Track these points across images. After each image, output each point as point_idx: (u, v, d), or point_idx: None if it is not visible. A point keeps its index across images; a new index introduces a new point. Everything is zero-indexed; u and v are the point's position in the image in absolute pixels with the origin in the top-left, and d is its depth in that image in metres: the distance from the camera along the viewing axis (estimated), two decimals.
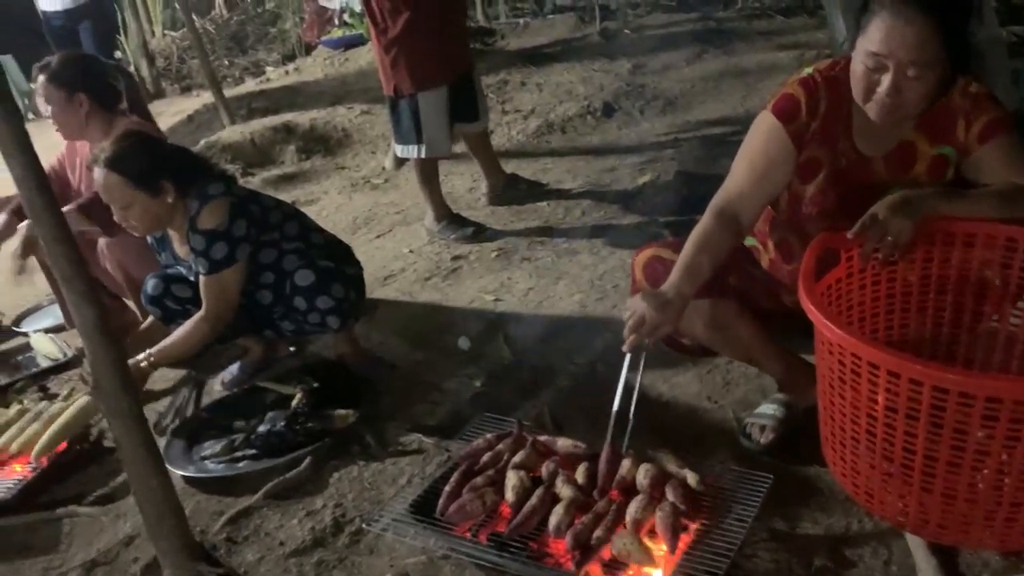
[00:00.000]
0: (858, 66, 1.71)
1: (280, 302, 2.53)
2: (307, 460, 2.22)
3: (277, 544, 1.98)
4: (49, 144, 2.91)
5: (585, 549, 1.66)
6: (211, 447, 2.37)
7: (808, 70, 1.89)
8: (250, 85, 6.99)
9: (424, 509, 1.88)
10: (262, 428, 2.36)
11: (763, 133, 1.88)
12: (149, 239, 2.65)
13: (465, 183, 4.41)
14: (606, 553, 1.68)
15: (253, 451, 2.31)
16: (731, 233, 1.87)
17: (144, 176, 2.37)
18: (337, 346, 2.72)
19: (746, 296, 2.09)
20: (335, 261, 2.55)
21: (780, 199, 1.96)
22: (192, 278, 2.58)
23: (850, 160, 1.86)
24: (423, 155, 3.54)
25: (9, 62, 10.83)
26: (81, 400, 2.57)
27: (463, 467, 1.93)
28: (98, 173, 2.38)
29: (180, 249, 2.57)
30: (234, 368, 2.82)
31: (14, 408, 2.60)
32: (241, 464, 2.29)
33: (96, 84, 2.98)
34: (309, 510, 2.08)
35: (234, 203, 2.47)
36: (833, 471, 1.77)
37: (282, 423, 2.33)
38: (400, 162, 4.80)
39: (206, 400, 2.75)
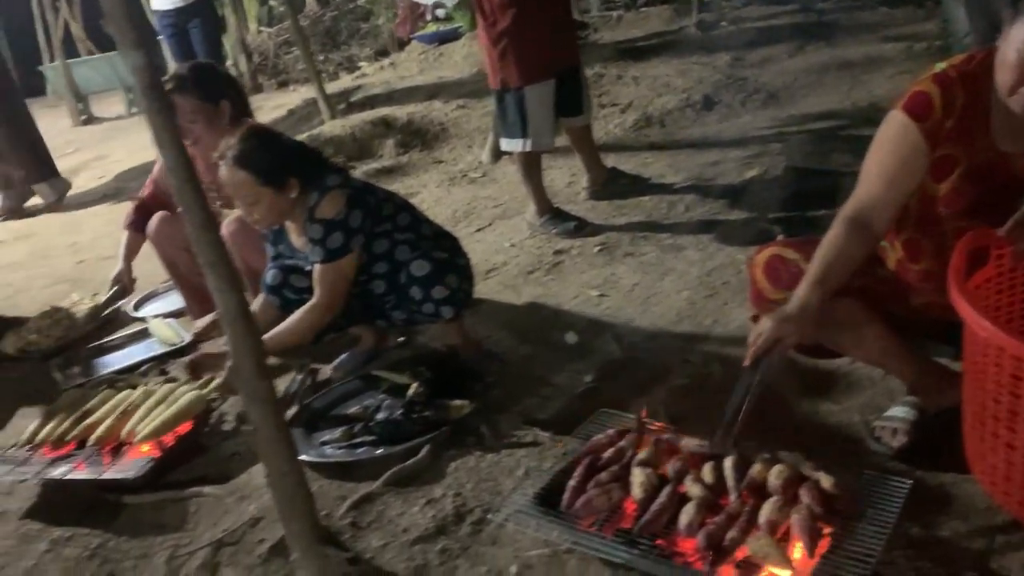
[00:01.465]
0: (1011, 55, 1.62)
1: (393, 291, 2.56)
2: (425, 449, 2.24)
3: (400, 531, 2.00)
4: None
5: (719, 549, 1.63)
6: (329, 433, 2.42)
7: (941, 66, 1.80)
8: (346, 80, 7.13)
9: (547, 502, 1.87)
10: (380, 416, 2.40)
11: (894, 133, 1.81)
12: (263, 231, 2.71)
13: (564, 177, 4.40)
14: (739, 554, 1.64)
15: (371, 438, 2.35)
16: (863, 242, 1.81)
17: (271, 173, 2.43)
18: (447, 337, 2.75)
19: (871, 297, 2.02)
20: (447, 252, 2.57)
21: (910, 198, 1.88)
22: (308, 267, 2.63)
23: (988, 157, 1.77)
24: (528, 148, 3.54)
25: (116, 58, 11.30)
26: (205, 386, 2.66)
27: (586, 462, 1.92)
28: (225, 171, 2.45)
29: (297, 240, 2.62)
30: (345, 356, 2.87)
31: (140, 390, 2.69)
32: (360, 450, 2.33)
33: (233, 90, 3.07)
34: (429, 498, 2.10)
35: (351, 194, 2.52)
36: (981, 480, 1.70)
37: (399, 411, 2.37)
38: (497, 156, 4.82)
39: (319, 388, 2.81)
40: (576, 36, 3.87)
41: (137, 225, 3.35)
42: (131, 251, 3.43)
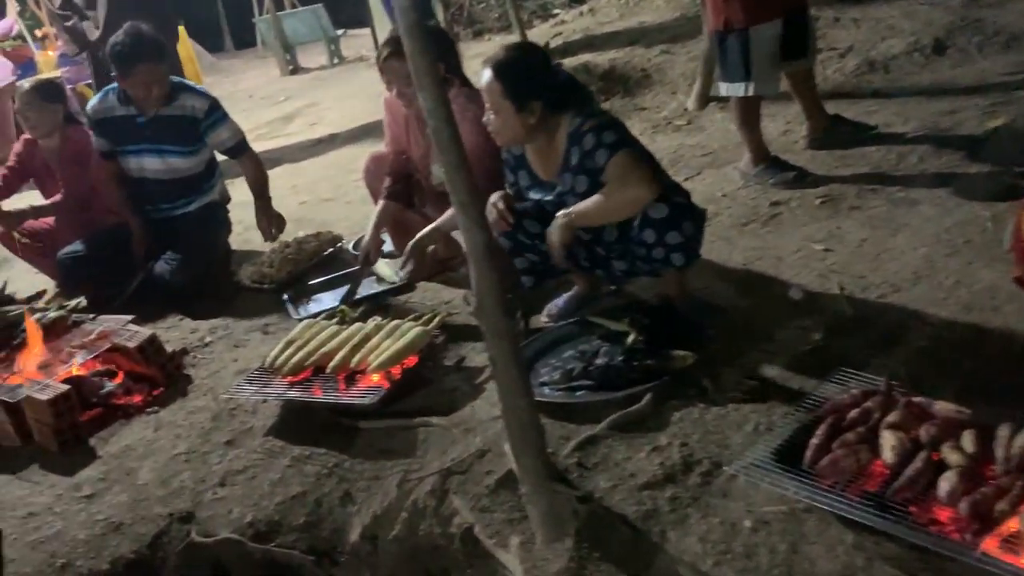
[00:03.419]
0: None
1: (623, 238, 2.53)
2: (648, 397, 2.23)
3: (627, 475, 2.01)
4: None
5: (985, 520, 1.52)
6: (548, 374, 2.47)
7: None
8: (543, 28, 7.10)
9: (786, 458, 1.81)
10: (599, 361, 2.41)
11: None
12: (504, 154, 2.75)
13: (778, 126, 4.19)
14: (1006, 528, 1.52)
15: (590, 382, 2.36)
16: None
17: (516, 90, 2.45)
18: (665, 287, 2.70)
19: None
20: (683, 198, 2.51)
21: None
22: (549, 197, 2.64)
23: None
24: (750, 93, 3.39)
25: (320, 10, 11.89)
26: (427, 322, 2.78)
27: (829, 421, 1.84)
28: (486, 72, 2.50)
29: (543, 170, 2.63)
30: (560, 301, 2.90)
31: (371, 323, 2.84)
32: (579, 394, 2.35)
33: (448, 49, 3.17)
34: (655, 445, 2.09)
35: (612, 118, 2.57)
36: None
37: (620, 358, 2.36)
38: (704, 102, 4.67)
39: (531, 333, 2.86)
40: None
41: (394, 195, 3.38)
42: (382, 221, 3.42)
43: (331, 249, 3.93)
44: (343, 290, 3.54)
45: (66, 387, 2.87)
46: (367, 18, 11.58)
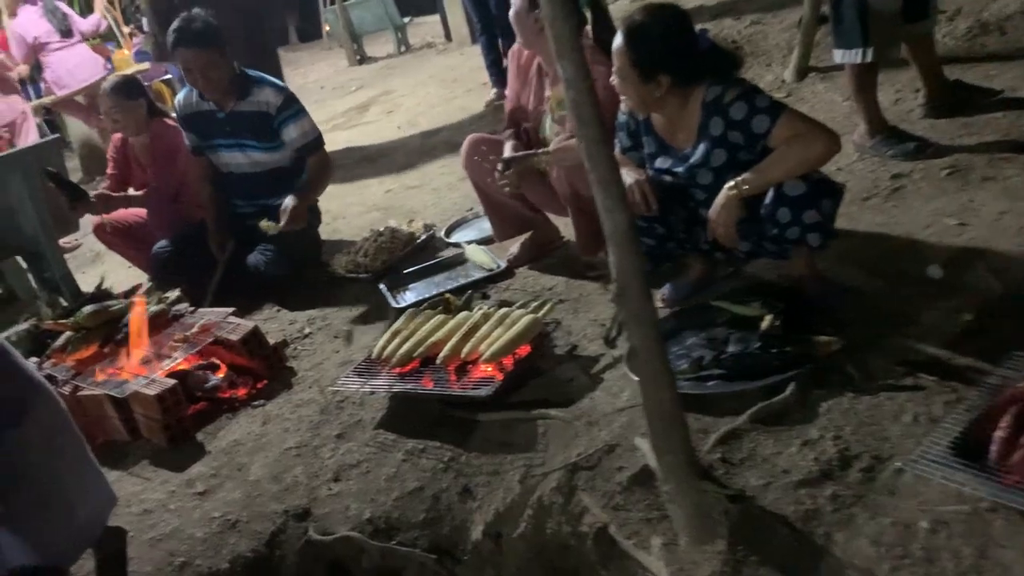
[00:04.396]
0: None
1: (749, 217, 2.37)
2: (791, 386, 2.07)
3: (779, 471, 1.86)
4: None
5: None
6: (673, 364, 2.31)
7: None
8: (623, 3, 6.89)
9: (965, 452, 1.65)
10: (732, 348, 2.26)
11: None
12: (624, 117, 2.60)
13: (887, 95, 3.92)
14: None
15: (722, 371, 2.22)
16: None
17: (645, 61, 2.31)
18: (793, 269, 2.53)
19: None
20: (820, 175, 2.33)
21: None
22: (679, 169, 2.49)
23: None
24: (868, 59, 3.17)
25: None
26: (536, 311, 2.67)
27: (1013, 411, 1.66)
28: (618, 34, 2.37)
29: (671, 137, 2.49)
30: (674, 286, 2.75)
31: (478, 312, 2.74)
32: (710, 384, 2.21)
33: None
34: (805, 439, 1.93)
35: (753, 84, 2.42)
36: None
37: (756, 345, 2.21)
38: (803, 74, 4.43)
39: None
40: None
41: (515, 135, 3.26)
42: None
43: (424, 236, 3.84)
44: (440, 278, 3.46)
45: (173, 382, 2.84)
46: (432, 5, 11.54)
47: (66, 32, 6.98)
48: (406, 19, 11.91)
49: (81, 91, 7.08)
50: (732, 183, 2.29)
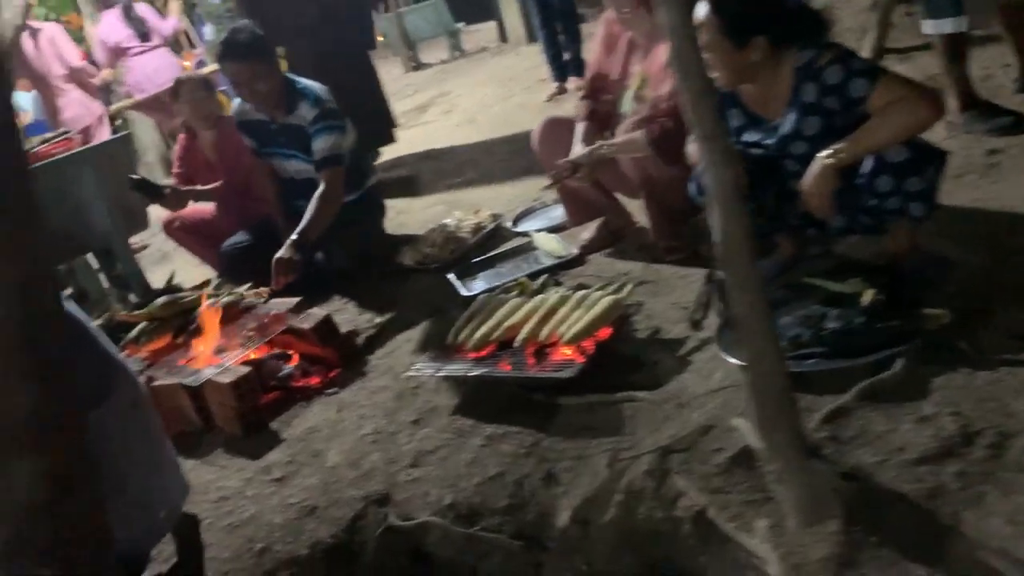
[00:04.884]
0: None
1: (845, 190, 2.25)
2: (899, 362, 1.95)
3: (895, 449, 1.74)
4: None
5: None
6: None
7: None
8: None
9: None
10: (831, 325, 2.14)
11: None
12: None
13: (975, 72, 3.76)
14: None
15: (822, 349, 2.10)
16: None
17: (739, 26, 2.21)
18: (891, 243, 2.40)
19: None
20: (923, 140, 2.21)
21: None
22: (770, 140, 2.39)
23: None
24: (962, 28, 3.02)
25: (440, 4, 11.93)
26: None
27: None
28: (701, 4, 2.27)
29: (761, 107, 2.38)
30: (761, 265, 2.63)
31: (555, 294, 2.66)
32: (810, 362, 2.09)
33: None
34: (920, 416, 1.81)
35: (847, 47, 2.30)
36: None
37: (860, 320, 2.09)
38: (880, 53, 4.27)
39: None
40: None
41: (591, 116, 3.18)
42: (588, 138, 3.13)
43: (491, 226, 3.78)
44: (509, 266, 3.40)
45: (247, 369, 2.81)
46: (483, 12, 11.56)
47: (145, 36, 7.09)
48: (459, 24, 11.95)
49: (157, 95, 7.16)
50: (828, 151, 2.17)
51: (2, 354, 0.69)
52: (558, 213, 3.68)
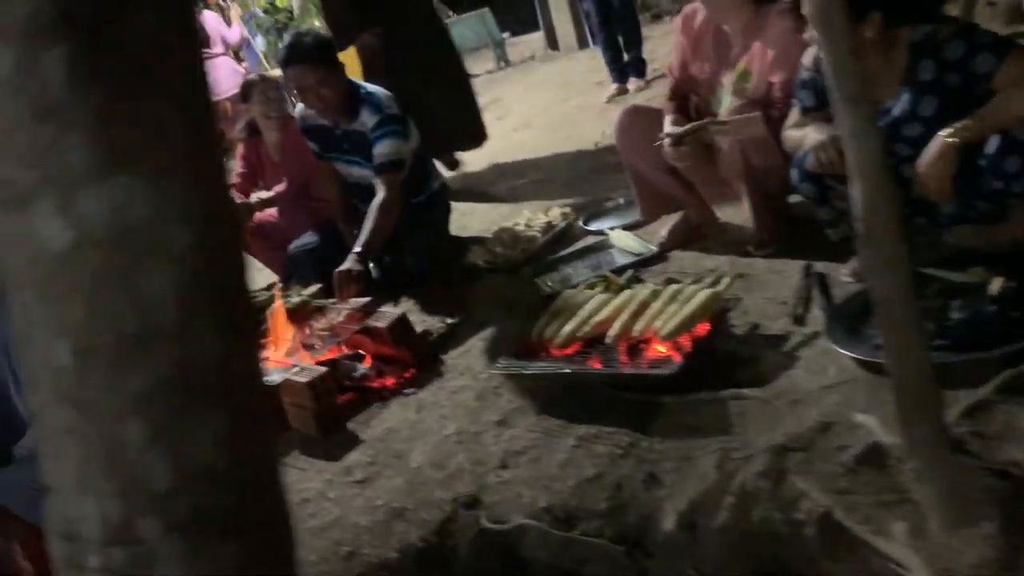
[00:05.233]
0: None
1: (964, 172, 2.11)
2: None
3: None
4: None
5: None
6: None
7: None
8: None
9: None
10: (956, 315, 2.00)
11: None
12: (806, 73, 2.40)
13: None
14: None
15: (945, 342, 1.96)
16: None
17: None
18: (1011, 231, 2.25)
19: None
20: None
21: None
22: (881, 125, 2.23)
23: None
24: None
25: (487, 14, 11.92)
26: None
27: None
28: None
29: (877, 89, 2.23)
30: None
31: (647, 288, 2.55)
32: (935, 355, 1.94)
33: None
34: None
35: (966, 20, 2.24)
36: None
37: (991, 310, 1.94)
38: None
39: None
40: None
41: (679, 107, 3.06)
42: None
43: (563, 225, 3.68)
44: (586, 264, 3.30)
45: (323, 369, 2.74)
46: (528, 25, 11.52)
47: (206, 44, 7.13)
48: (505, 34, 11.93)
49: (220, 103, 7.19)
50: (950, 129, 2.04)
51: (190, 290, 0.60)
52: (630, 212, 3.57)
